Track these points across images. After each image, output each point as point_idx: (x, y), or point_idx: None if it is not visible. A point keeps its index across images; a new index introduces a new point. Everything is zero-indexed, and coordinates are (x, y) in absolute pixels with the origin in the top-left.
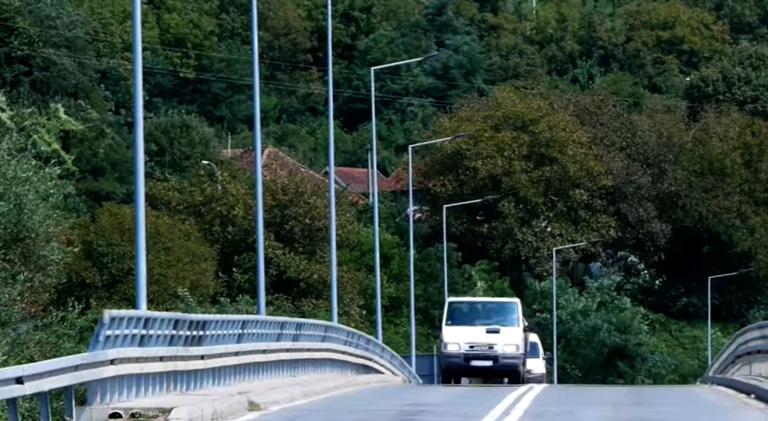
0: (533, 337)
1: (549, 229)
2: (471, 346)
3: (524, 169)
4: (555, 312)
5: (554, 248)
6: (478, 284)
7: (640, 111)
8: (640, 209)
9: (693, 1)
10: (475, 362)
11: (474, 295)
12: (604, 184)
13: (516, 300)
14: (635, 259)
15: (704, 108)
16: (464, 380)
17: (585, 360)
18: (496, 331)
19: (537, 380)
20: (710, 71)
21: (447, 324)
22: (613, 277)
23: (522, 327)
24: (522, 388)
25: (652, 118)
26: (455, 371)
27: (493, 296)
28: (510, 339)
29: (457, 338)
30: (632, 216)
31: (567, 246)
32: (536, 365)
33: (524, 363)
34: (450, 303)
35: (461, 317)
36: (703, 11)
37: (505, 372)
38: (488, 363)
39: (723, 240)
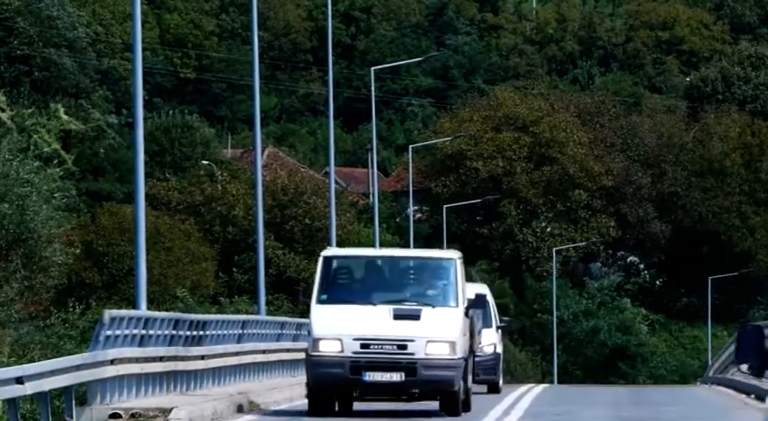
0: (483, 291)
1: (548, 230)
2: (365, 344)
3: (525, 170)
4: (555, 312)
5: (554, 248)
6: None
7: (640, 112)
8: (640, 209)
9: (693, 1)
10: (371, 376)
11: None
12: (604, 185)
13: (455, 254)
14: (635, 259)
15: (704, 108)
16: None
17: (587, 360)
18: (414, 316)
19: (489, 363)
20: (710, 71)
21: (320, 300)
22: (613, 277)
23: (463, 308)
24: (522, 387)
25: (652, 118)
26: (333, 389)
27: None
28: (440, 331)
29: (337, 329)
30: (632, 216)
31: (566, 245)
32: (487, 338)
33: (467, 376)
34: (327, 259)
35: (348, 286)
36: (703, 11)
37: (431, 392)
38: (397, 377)
39: (723, 240)
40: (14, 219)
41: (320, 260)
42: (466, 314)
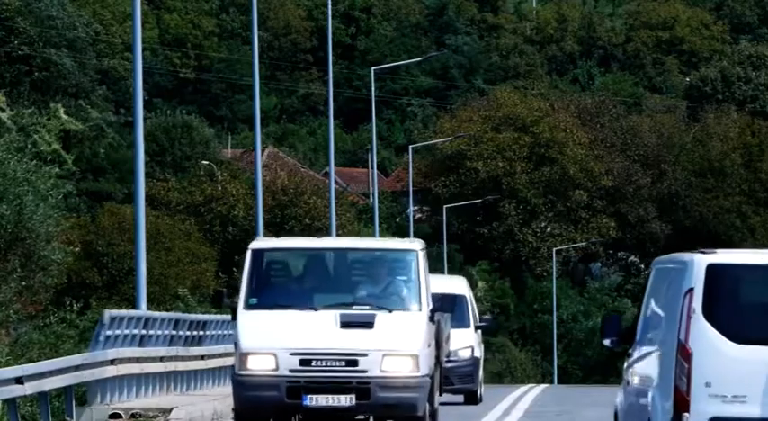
0: (459, 285)
1: (548, 230)
2: (305, 361)
3: (525, 170)
4: (555, 312)
5: (554, 248)
6: (479, 285)
7: (640, 112)
8: (640, 209)
9: (693, 1)
10: (314, 400)
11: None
12: (604, 185)
13: (416, 245)
14: (635, 259)
15: (704, 108)
16: None
17: (587, 360)
18: (366, 323)
19: (465, 369)
20: (710, 71)
21: (249, 305)
22: (613, 277)
23: (427, 312)
24: (522, 387)
25: (652, 118)
26: (265, 414)
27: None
28: (398, 342)
29: (270, 341)
30: (632, 216)
31: (567, 246)
32: (463, 340)
33: (432, 395)
34: (256, 253)
35: (283, 287)
36: (703, 11)
37: (388, 418)
38: (345, 401)
39: (723, 240)
40: (12, 219)
41: (248, 254)
42: (431, 319)
